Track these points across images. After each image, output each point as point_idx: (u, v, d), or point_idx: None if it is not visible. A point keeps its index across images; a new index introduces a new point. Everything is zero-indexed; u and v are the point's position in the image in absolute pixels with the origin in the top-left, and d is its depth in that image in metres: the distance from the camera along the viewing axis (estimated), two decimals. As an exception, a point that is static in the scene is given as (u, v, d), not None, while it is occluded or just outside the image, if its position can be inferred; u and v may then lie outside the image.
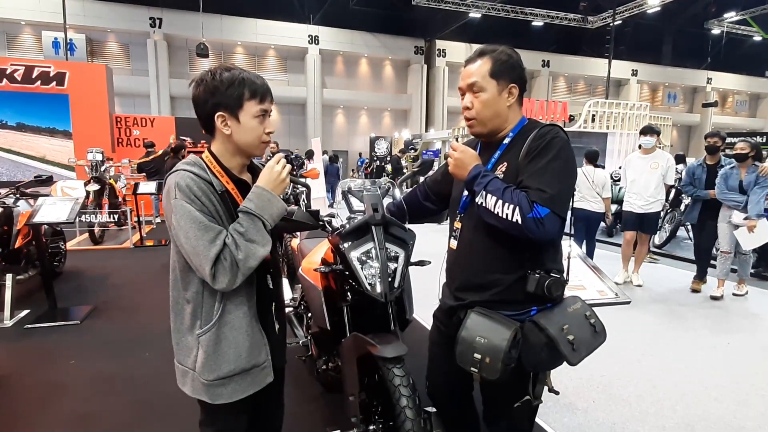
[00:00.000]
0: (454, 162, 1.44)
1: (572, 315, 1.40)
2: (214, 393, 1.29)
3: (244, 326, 1.29)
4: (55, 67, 9.62)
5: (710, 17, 23.94)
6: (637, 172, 4.92)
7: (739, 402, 2.71)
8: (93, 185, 6.85)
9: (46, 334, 3.52)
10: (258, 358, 1.33)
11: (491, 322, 1.36)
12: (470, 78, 1.44)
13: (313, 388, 2.67)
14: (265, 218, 1.23)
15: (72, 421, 2.40)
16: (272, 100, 1.33)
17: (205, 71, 1.28)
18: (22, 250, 4.19)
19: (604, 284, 2.05)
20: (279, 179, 1.27)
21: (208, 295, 1.27)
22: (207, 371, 1.28)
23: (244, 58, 22.56)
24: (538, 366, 1.39)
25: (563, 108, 14.22)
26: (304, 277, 2.30)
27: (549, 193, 1.28)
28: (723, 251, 4.66)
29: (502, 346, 1.30)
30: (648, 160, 4.89)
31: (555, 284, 1.36)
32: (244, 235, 1.20)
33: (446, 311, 1.61)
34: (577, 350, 1.34)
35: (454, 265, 1.57)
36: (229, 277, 1.18)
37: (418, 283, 2.20)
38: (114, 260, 5.97)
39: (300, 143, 21.36)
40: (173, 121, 11.37)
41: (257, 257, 1.22)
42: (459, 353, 1.38)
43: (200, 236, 1.17)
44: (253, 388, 1.33)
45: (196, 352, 1.29)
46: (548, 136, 1.36)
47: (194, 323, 1.29)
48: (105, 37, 20.61)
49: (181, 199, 1.19)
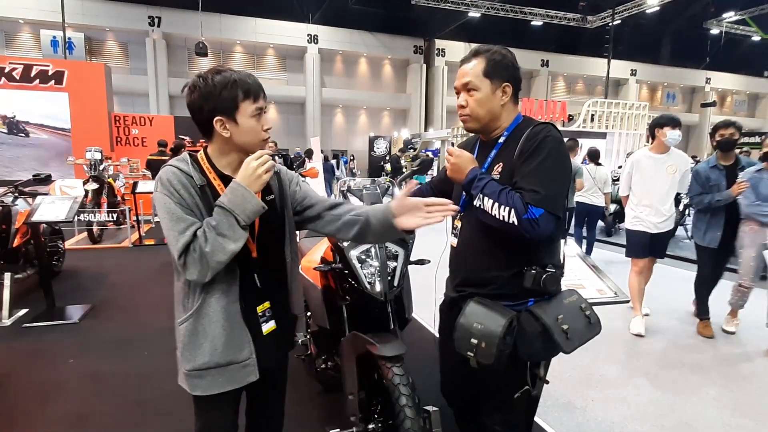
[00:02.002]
0: (451, 167, 1.49)
1: (567, 306, 1.45)
2: (192, 383, 1.31)
3: (221, 320, 1.29)
4: (54, 66, 9.61)
5: (709, 17, 23.96)
6: (650, 176, 3.57)
7: (738, 401, 2.71)
8: (92, 184, 6.84)
9: (44, 333, 3.51)
10: (236, 355, 1.31)
11: (488, 310, 1.41)
12: (465, 77, 1.48)
13: (313, 387, 2.67)
14: (236, 213, 1.21)
15: (70, 420, 2.39)
16: (266, 97, 1.33)
17: (197, 76, 1.28)
18: (21, 249, 4.18)
19: (603, 283, 2.06)
20: (254, 175, 1.23)
21: (193, 287, 1.29)
22: (185, 360, 1.31)
23: (243, 57, 22.54)
24: (533, 355, 1.43)
25: (562, 107, 14.24)
26: (304, 276, 2.30)
27: (542, 193, 1.32)
28: (743, 285, 3.49)
29: (497, 331, 1.36)
30: (663, 161, 3.54)
31: (550, 279, 1.40)
32: (215, 229, 1.20)
33: (449, 303, 1.66)
34: (570, 339, 1.39)
35: (455, 262, 1.62)
36: (199, 268, 1.20)
37: (417, 282, 2.20)
38: (112, 259, 5.96)
39: (299, 143, 21.36)
40: (172, 120, 11.36)
41: (226, 252, 1.21)
42: (457, 339, 1.43)
43: (172, 227, 1.21)
44: (231, 384, 1.32)
45: (181, 340, 1.33)
46: (540, 135, 1.39)
47: (182, 313, 1.33)
48: (104, 35, 20.59)
49: (161, 192, 1.24)
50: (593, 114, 13.94)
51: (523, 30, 23.42)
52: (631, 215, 3.70)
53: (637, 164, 3.66)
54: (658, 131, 3.57)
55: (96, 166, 7.04)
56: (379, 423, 1.72)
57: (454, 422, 1.77)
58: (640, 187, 3.63)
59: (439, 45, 24.41)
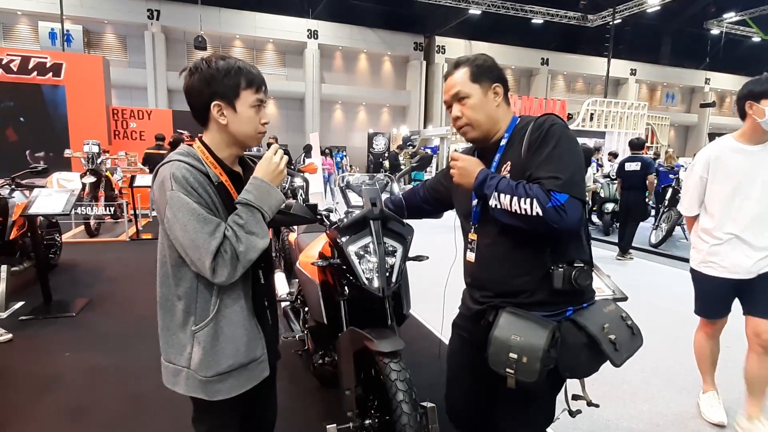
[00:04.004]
0: (458, 172, 1.42)
1: (609, 315, 1.36)
2: (212, 390, 1.26)
3: (242, 321, 1.27)
4: (52, 58, 9.54)
5: (709, 17, 23.96)
6: (740, 183, 2.18)
7: (733, 400, 2.72)
8: (89, 177, 6.81)
9: (40, 327, 3.50)
10: (255, 353, 1.32)
11: (526, 321, 1.29)
12: (453, 88, 1.43)
13: (310, 383, 2.67)
14: (264, 210, 1.22)
15: (66, 414, 2.39)
16: (267, 91, 1.31)
17: (199, 60, 1.24)
18: (17, 242, 4.16)
19: (601, 281, 2.05)
20: (277, 170, 1.26)
21: (203, 290, 1.24)
22: (205, 368, 1.25)
23: (242, 52, 22.45)
24: (575, 370, 1.32)
25: (561, 106, 14.25)
26: (302, 271, 2.29)
27: (563, 178, 1.24)
28: None
29: (541, 344, 1.23)
30: (762, 158, 2.16)
31: (582, 274, 1.30)
32: (244, 227, 1.18)
33: (471, 317, 1.52)
34: (619, 351, 1.28)
35: (475, 278, 1.51)
36: (229, 270, 1.16)
37: (415, 279, 2.20)
38: (110, 253, 5.95)
39: (298, 138, 21.32)
40: (170, 114, 11.31)
41: (257, 249, 1.20)
42: (491, 354, 1.30)
43: (200, 228, 1.14)
44: (251, 382, 1.32)
45: (191, 349, 1.25)
46: (546, 125, 1.34)
47: (187, 320, 1.25)
48: (102, 28, 20.46)
49: (178, 191, 1.15)
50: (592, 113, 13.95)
51: (524, 28, 23.38)
52: (704, 250, 2.32)
53: (718, 163, 2.24)
54: (751, 106, 2.12)
55: (93, 159, 7.00)
56: (375, 419, 1.72)
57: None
58: (724, 203, 2.22)
59: (439, 42, 24.34)
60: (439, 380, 1.77)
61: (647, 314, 4.08)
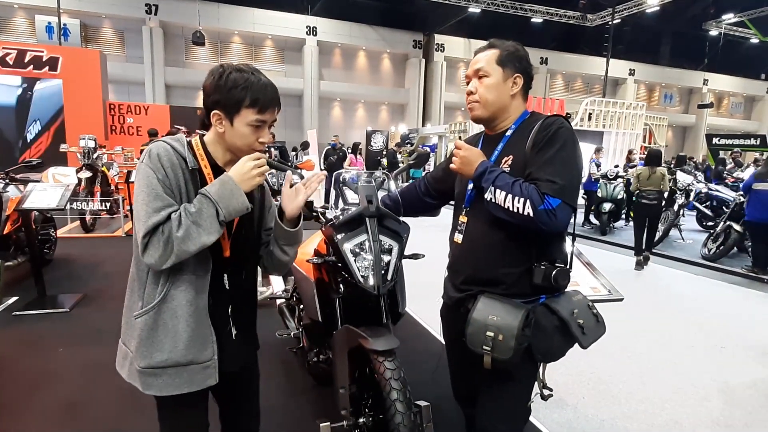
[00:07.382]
0: (460, 160, 1.45)
1: (577, 303, 1.44)
2: (146, 382, 1.24)
3: (186, 316, 1.21)
4: (48, 52, 9.49)
5: (708, 18, 23.99)
6: None
7: (728, 401, 2.73)
8: (85, 172, 6.77)
9: (34, 322, 3.48)
10: (199, 355, 1.24)
11: (502, 304, 1.37)
12: (477, 64, 1.48)
13: (304, 380, 2.66)
14: (220, 207, 1.17)
15: (60, 409, 2.38)
16: (277, 110, 1.28)
17: (223, 65, 1.24)
18: (11, 236, 4.14)
19: (597, 281, 2.05)
20: (249, 175, 1.21)
21: (153, 274, 1.22)
22: (140, 357, 1.22)
23: (240, 48, 22.35)
24: (548, 352, 1.39)
25: (560, 106, 14.23)
26: (297, 269, 2.28)
27: (559, 183, 1.29)
28: None
29: (516, 323, 1.31)
30: None
31: (561, 274, 1.37)
32: (192, 216, 1.15)
33: (452, 306, 1.58)
34: (586, 335, 1.37)
35: (460, 259, 1.55)
36: (160, 252, 1.13)
37: (411, 277, 2.19)
38: (105, 248, 5.92)
39: (296, 135, 21.24)
40: (168, 110, 11.28)
41: (197, 242, 1.15)
42: (470, 334, 1.37)
43: (148, 202, 1.15)
44: (189, 386, 1.24)
45: (137, 334, 1.24)
46: (554, 127, 1.37)
47: (137, 303, 1.25)
48: (100, 22, 20.31)
49: (146, 164, 1.18)
50: (591, 113, 13.94)
51: (523, 27, 23.33)
52: None
53: None
54: None
55: (89, 154, 6.97)
56: (370, 417, 1.71)
57: (444, 417, 1.76)
58: None
59: (438, 40, 24.27)
60: (434, 379, 1.77)
61: (642, 314, 4.08)
